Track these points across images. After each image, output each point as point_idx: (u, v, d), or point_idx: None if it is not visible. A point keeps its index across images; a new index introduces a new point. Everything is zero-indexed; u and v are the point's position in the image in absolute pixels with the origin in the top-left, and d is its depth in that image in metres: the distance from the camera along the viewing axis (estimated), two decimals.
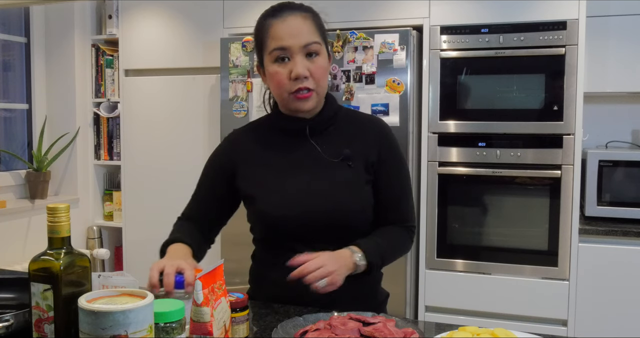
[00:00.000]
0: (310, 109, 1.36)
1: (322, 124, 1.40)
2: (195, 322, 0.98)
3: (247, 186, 1.41)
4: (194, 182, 1.56)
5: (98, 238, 3.43)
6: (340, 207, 1.34)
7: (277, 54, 1.32)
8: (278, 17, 1.32)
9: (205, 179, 1.51)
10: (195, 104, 3.12)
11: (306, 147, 1.39)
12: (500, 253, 2.60)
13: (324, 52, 1.35)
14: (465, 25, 2.60)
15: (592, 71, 2.69)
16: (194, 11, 3.08)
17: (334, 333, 1.06)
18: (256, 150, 1.43)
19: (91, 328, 0.84)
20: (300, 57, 1.30)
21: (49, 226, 0.98)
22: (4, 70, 3.30)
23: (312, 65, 1.31)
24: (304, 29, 1.31)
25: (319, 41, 1.33)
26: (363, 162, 1.38)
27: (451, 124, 2.64)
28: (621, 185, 2.59)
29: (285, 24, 1.31)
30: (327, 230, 1.35)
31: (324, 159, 1.37)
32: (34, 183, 3.17)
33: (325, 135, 1.40)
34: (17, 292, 1.31)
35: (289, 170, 1.38)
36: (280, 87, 1.33)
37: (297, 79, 1.30)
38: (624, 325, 2.48)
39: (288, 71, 1.31)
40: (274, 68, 1.33)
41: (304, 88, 1.31)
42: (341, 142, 1.39)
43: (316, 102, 1.36)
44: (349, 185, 1.36)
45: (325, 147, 1.38)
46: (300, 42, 1.30)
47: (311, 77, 1.31)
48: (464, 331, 1.08)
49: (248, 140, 1.46)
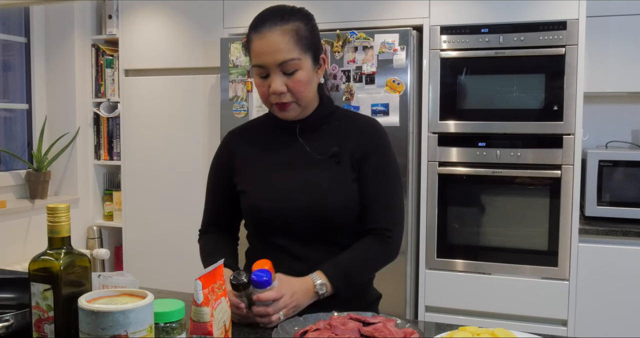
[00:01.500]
0: (292, 117, 1.39)
1: (313, 123, 1.43)
2: (195, 322, 0.98)
3: (240, 181, 1.45)
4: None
5: (98, 238, 3.43)
6: (324, 202, 1.36)
7: (257, 71, 1.35)
8: (258, 32, 1.33)
9: (213, 182, 1.54)
10: (195, 104, 3.12)
11: (296, 145, 1.42)
12: (500, 253, 2.60)
13: (306, 65, 1.34)
14: (465, 25, 2.60)
15: (592, 71, 2.69)
16: (194, 11, 3.08)
17: (334, 333, 1.06)
18: (249, 147, 1.47)
19: (91, 328, 0.84)
20: (278, 74, 1.32)
21: (49, 226, 0.98)
22: (4, 70, 3.30)
23: (290, 81, 1.33)
24: (280, 47, 1.30)
25: (297, 57, 1.31)
26: (349, 159, 1.39)
27: (451, 123, 2.64)
28: (621, 185, 2.59)
29: (262, 42, 1.31)
30: (312, 225, 1.37)
31: (311, 156, 1.40)
32: (34, 183, 3.17)
33: (316, 134, 1.43)
34: (17, 292, 1.31)
35: (278, 167, 1.42)
36: (262, 98, 1.39)
37: (274, 94, 1.34)
38: (624, 325, 2.48)
39: (267, 86, 1.34)
40: (257, 80, 1.37)
41: (281, 102, 1.35)
42: (332, 140, 1.41)
43: (298, 111, 1.38)
44: (334, 182, 1.37)
45: (316, 145, 1.41)
46: (276, 60, 1.31)
47: (289, 91, 1.34)
48: (464, 331, 1.08)
49: (243, 138, 1.50)
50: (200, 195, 1.41)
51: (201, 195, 1.60)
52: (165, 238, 3.19)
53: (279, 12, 1.34)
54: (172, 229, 3.16)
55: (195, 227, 1.64)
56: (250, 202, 1.42)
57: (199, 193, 3.12)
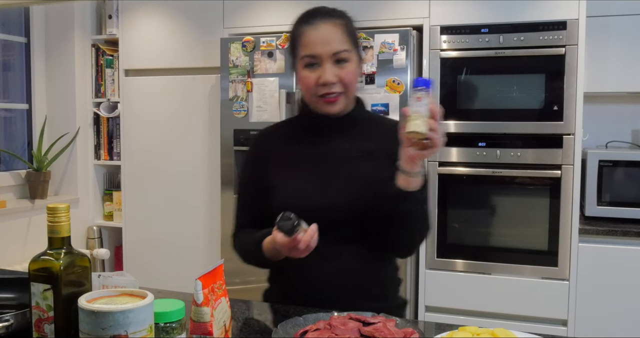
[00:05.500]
0: (338, 112, 1.40)
1: (348, 122, 1.44)
2: (195, 322, 0.98)
3: (272, 179, 1.44)
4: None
5: (98, 238, 3.43)
6: (358, 200, 1.35)
7: (307, 61, 1.37)
8: (310, 23, 1.37)
9: (245, 178, 1.53)
10: (195, 104, 3.12)
11: (330, 143, 1.43)
12: (500, 253, 2.60)
13: (354, 58, 1.39)
14: (465, 25, 2.60)
15: (592, 71, 2.69)
16: (194, 11, 3.08)
17: (334, 333, 1.06)
18: (282, 144, 1.47)
19: (91, 328, 0.84)
20: (329, 64, 1.35)
21: (49, 226, 0.98)
22: (4, 70, 3.30)
23: (341, 72, 1.36)
24: (334, 37, 1.35)
25: (348, 48, 1.36)
26: (386, 157, 1.37)
27: (451, 123, 2.64)
28: (621, 185, 2.59)
29: (316, 32, 1.36)
30: (345, 223, 1.36)
31: (346, 154, 1.41)
32: (34, 183, 3.17)
33: (349, 133, 1.44)
34: (17, 292, 1.31)
35: (311, 163, 1.42)
36: (308, 90, 1.39)
37: (325, 85, 1.35)
38: (624, 325, 2.48)
39: (317, 76, 1.36)
40: (304, 73, 1.38)
41: (332, 92, 1.36)
42: (366, 139, 1.42)
43: (344, 105, 1.40)
44: (369, 180, 1.37)
45: (349, 144, 1.42)
46: (329, 50, 1.34)
47: (340, 82, 1.36)
48: (464, 331, 1.08)
49: (276, 135, 1.51)
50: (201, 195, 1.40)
51: (201, 195, 1.60)
52: (165, 238, 3.19)
53: (326, 9, 1.41)
54: (172, 229, 3.16)
55: (195, 227, 1.64)
56: (283, 199, 1.40)
57: (199, 193, 3.13)
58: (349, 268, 1.38)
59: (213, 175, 3.03)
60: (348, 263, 1.36)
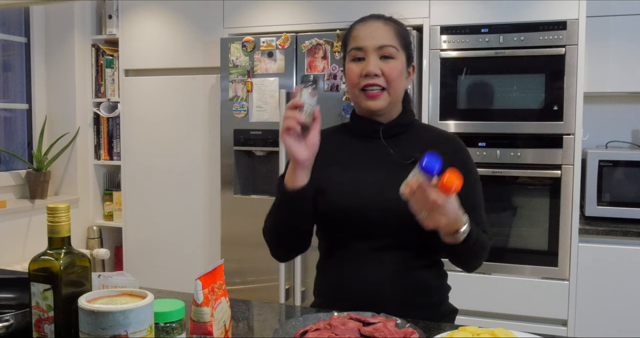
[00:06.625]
0: (380, 108, 1.39)
1: (396, 128, 1.44)
2: (195, 322, 0.98)
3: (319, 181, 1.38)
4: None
5: (98, 238, 3.43)
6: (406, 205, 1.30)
7: (354, 54, 1.40)
8: (362, 22, 1.43)
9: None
10: (195, 104, 3.12)
11: (379, 147, 1.43)
12: (500, 253, 2.60)
13: (401, 58, 1.40)
14: (465, 25, 2.60)
15: (592, 71, 2.69)
16: (194, 11, 3.08)
17: (333, 333, 1.06)
18: (331, 148, 1.45)
19: (91, 328, 0.84)
20: (374, 57, 1.37)
21: (49, 226, 0.98)
22: (4, 70, 3.30)
23: (385, 66, 1.37)
24: (382, 33, 1.39)
25: (395, 46, 1.39)
26: None
27: (451, 123, 2.64)
28: (621, 185, 2.59)
29: (365, 27, 1.41)
30: (392, 228, 1.35)
31: (395, 159, 1.40)
32: (34, 183, 3.17)
33: (399, 140, 1.43)
34: (17, 292, 1.31)
35: (360, 167, 1.42)
36: (352, 83, 1.40)
37: (368, 76, 1.36)
38: (624, 325, 2.48)
39: (361, 68, 1.38)
40: (350, 66, 1.41)
41: (373, 84, 1.36)
42: (414, 147, 1.41)
43: (387, 102, 1.39)
44: None
45: (398, 150, 1.41)
46: (375, 44, 1.37)
47: (383, 76, 1.37)
48: (464, 331, 1.08)
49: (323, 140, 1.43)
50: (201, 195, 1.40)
51: (201, 195, 1.59)
52: (165, 238, 3.19)
53: (381, 15, 1.47)
54: (172, 229, 3.16)
55: (195, 227, 1.64)
56: (331, 201, 1.38)
57: (199, 193, 3.13)
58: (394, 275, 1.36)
59: (213, 175, 3.03)
60: (391, 272, 1.35)
